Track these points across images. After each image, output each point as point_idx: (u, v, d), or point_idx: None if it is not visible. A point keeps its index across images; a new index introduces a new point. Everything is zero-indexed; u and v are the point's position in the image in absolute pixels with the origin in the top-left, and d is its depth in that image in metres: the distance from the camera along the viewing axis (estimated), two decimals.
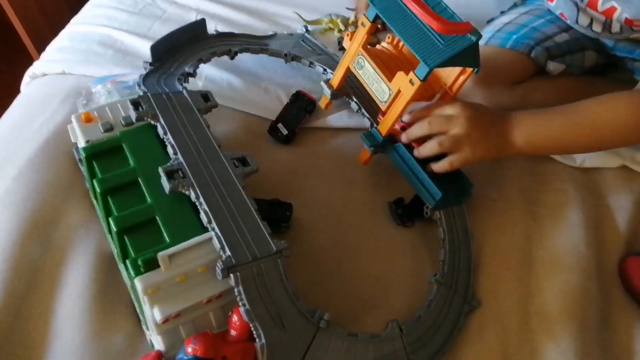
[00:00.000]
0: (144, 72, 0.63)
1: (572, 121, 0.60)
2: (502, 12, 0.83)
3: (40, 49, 0.86)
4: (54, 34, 0.85)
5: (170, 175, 0.49)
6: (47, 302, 0.55)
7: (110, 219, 0.47)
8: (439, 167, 0.60)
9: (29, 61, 0.82)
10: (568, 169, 0.71)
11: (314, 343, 0.47)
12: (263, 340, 0.44)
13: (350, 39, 0.63)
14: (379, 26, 0.70)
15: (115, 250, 0.54)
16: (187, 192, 0.49)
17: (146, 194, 0.49)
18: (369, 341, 0.50)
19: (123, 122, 0.55)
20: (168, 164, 0.50)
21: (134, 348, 0.52)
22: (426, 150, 0.59)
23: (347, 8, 0.89)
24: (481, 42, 0.75)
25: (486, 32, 0.78)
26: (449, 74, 0.62)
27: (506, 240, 0.63)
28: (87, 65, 0.76)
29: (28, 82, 0.79)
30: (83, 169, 0.61)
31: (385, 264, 0.60)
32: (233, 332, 0.46)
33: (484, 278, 0.60)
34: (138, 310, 0.50)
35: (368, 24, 0.60)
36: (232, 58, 0.70)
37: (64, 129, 0.67)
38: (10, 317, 0.53)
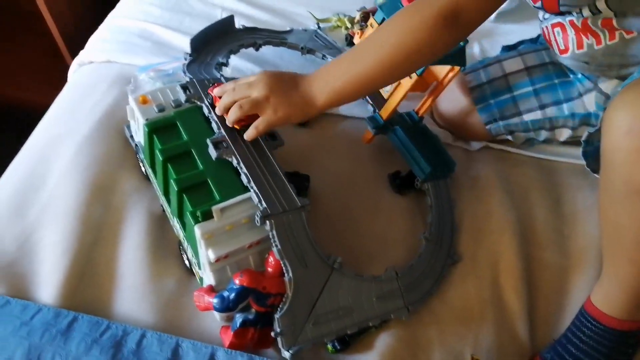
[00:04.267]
0: (179, 61, 0.75)
1: (359, 53, 0.61)
2: (507, 47, 0.86)
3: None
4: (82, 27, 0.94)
5: (216, 145, 0.61)
6: (111, 251, 0.67)
7: (171, 181, 0.59)
8: (248, 134, 0.62)
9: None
10: (532, 160, 0.82)
11: (329, 280, 0.59)
12: (291, 275, 0.57)
13: (360, 38, 0.75)
14: None
15: (168, 209, 0.67)
16: (229, 159, 0.61)
17: (198, 162, 0.61)
18: (372, 281, 0.62)
19: (173, 104, 0.66)
20: (214, 136, 0.62)
21: (184, 289, 0.64)
22: (232, 115, 0.61)
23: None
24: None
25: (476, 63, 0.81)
26: (441, 71, 0.74)
27: (483, 208, 0.75)
28: (128, 54, 0.87)
29: (76, 70, 0.90)
30: (134, 144, 0.73)
31: (385, 225, 0.73)
32: (269, 270, 0.58)
33: (465, 238, 0.72)
34: (190, 255, 0.63)
35: (376, 26, 0.72)
36: (257, 50, 0.82)
37: (114, 110, 0.79)
38: (82, 262, 0.65)
